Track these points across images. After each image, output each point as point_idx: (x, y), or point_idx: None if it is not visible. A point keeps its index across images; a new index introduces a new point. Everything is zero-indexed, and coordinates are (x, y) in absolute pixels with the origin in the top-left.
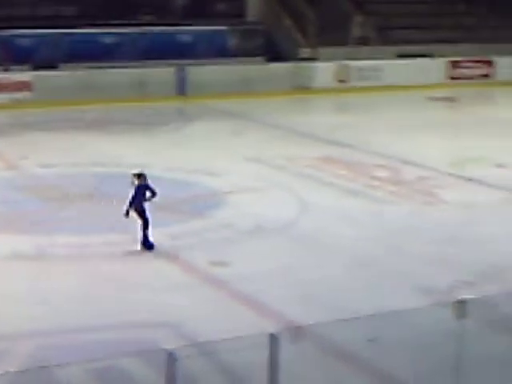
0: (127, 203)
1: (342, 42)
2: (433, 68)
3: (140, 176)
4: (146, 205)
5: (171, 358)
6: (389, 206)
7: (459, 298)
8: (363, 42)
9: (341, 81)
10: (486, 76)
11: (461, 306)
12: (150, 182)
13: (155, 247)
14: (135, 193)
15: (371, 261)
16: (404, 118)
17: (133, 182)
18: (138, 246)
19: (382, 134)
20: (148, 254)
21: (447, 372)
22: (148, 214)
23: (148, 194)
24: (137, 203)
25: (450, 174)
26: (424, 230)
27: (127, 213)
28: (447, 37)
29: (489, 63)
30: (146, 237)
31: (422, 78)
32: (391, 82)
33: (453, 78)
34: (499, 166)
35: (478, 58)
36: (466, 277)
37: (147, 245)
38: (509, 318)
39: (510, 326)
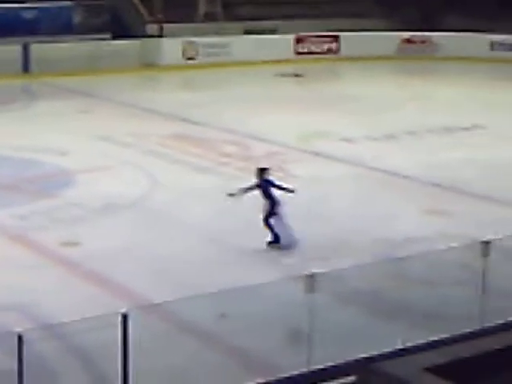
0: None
1: (189, 19)
2: (280, 44)
3: (264, 170)
4: None
5: (21, 340)
6: (239, 181)
7: (309, 271)
8: (210, 18)
9: (188, 58)
10: (332, 51)
11: (311, 280)
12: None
13: None
14: (265, 187)
15: (222, 236)
16: (253, 94)
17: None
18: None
19: (231, 111)
20: None
21: (299, 344)
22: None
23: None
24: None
25: (299, 150)
26: None
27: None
28: (293, 12)
29: (335, 38)
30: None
31: (270, 54)
32: (239, 58)
33: (300, 54)
34: (346, 140)
35: (324, 34)
36: (316, 251)
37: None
38: (356, 290)
39: (357, 299)
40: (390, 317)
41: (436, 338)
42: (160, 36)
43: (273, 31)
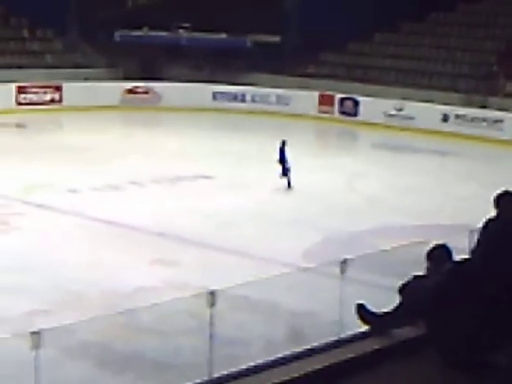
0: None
1: None
2: (1, 93)
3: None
4: None
5: None
6: None
7: (35, 327)
8: None
9: None
10: (54, 101)
11: (36, 336)
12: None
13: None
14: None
15: None
16: None
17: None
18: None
19: None
20: None
21: None
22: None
23: None
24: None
25: (22, 202)
26: None
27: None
28: (13, 62)
29: (57, 88)
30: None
31: None
32: None
33: (21, 104)
34: (70, 191)
35: (46, 84)
36: (41, 305)
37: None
38: (85, 344)
39: (86, 353)
40: (120, 369)
41: None
42: None
43: None
